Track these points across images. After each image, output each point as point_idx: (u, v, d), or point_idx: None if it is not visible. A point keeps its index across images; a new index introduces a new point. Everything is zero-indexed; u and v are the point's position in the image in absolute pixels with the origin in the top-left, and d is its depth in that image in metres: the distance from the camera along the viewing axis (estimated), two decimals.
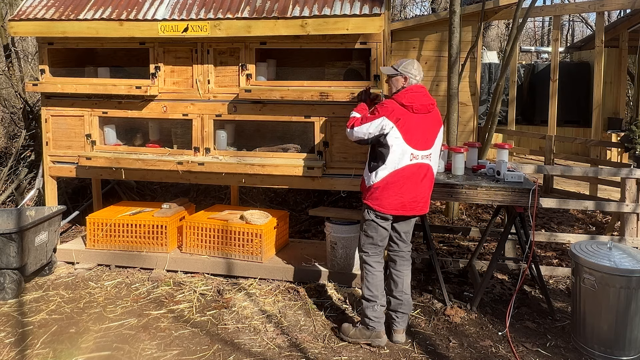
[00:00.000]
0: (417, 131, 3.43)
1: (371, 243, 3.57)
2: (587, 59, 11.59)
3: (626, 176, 4.49)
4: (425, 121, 3.47)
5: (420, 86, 3.53)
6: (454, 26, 6.02)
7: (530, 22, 23.27)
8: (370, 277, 3.55)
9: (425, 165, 3.50)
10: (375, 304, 3.52)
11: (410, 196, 3.48)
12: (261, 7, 4.27)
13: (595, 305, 3.44)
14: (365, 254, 3.59)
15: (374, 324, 3.51)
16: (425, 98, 3.48)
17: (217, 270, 4.61)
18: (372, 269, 3.56)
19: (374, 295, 3.53)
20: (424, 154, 3.47)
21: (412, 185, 3.47)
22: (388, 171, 3.43)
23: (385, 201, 3.46)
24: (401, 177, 3.44)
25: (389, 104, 3.45)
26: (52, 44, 4.82)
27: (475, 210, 6.82)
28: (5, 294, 4.20)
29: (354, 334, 3.56)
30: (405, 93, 3.46)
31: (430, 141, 3.51)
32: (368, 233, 3.56)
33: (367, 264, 3.57)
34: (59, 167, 4.96)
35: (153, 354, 3.44)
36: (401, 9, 18.81)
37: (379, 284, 3.56)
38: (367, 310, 3.53)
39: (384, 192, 3.45)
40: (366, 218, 3.55)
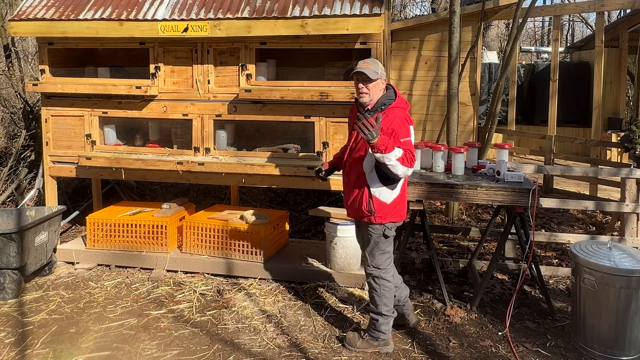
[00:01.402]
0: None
1: (388, 258, 3.44)
2: (587, 59, 11.59)
3: (626, 176, 4.49)
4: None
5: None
6: (454, 26, 6.01)
7: (530, 22, 23.27)
8: (387, 293, 3.40)
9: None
10: (390, 318, 3.44)
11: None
12: (261, 7, 4.27)
13: (595, 305, 3.44)
14: (385, 271, 3.41)
15: (385, 336, 3.43)
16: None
17: (217, 270, 4.61)
18: (389, 283, 3.42)
19: (390, 309, 3.42)
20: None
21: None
22: (402, 181, 3.37)
23: (404, 208, 3.44)
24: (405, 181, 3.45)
25: (403, 115, 3.26)
26: (52, 44, 4.83)
27: (475, 210, 6.82)
28: (5, 294, 4.20)
29: (362, 345, 3.44)
30: (401, 97, 3.38)
31: None
32: (385, 250, 3.41)
33: (383, 279, 3.40)
34: (59, 167, 4.96)
35: (153, 354, 3.44)
36: (401, 9, 18.81)
37: (392, 296, 3.47)
38: (382, 326, 3.40)
39: (402, 201, 3.40)
40: (387, 235, 3.37)
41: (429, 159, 4.40)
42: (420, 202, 4.04)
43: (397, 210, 3.38)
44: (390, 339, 3.49)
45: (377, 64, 3.29)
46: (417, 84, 7.91)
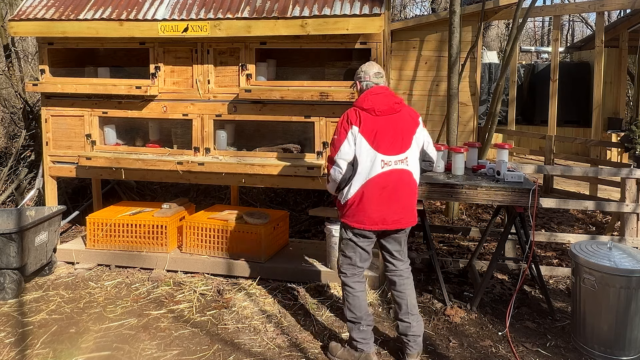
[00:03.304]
0: (384, 135, 3.15)
1: (350, 264, 3.31)
2: (587, 59, 11.59)
3: (626, 176, 4.49)
4: (394, 123, 3.18)
5: (381, 87, 3.25)
6: (454, 26, 6.02)
7: (530, 22, 23.27)
8: (351, 299, 3.29)
9: (401, 172, 3.19)
10: (360, 325, 3.27)
11: (391, 208, 3.18)
12: (261, 7, 4.27)
13: (595, 305, 3.44)
14: (344, 275, 3.32)
15: (361, 345, 3.27)
16: (387, 98, 3.20)
17: (217, 270, 4.61)
18: (353, 290, 3.30)
19: (357, 317, 3.27)
20: (397, 158, 3.17)
21: (392, 194, 3.18)
22: (361, 182, 3.15)
23: (364, 216, 3.18)
24: (376, 187, 3.15)
25: (347, 113, 3.21)
26: (52, 44, 4.82)
27: (475, 210, 6.82)
28: (5, 294, 4.20)
29: (342, 354, 3.34)
30: (364, 97, 3.21)
31: (404, 144, 3.20)
32: (346, 253, 3.31)
33: (346, 286, 3.31)
34: (59, 167, 4.96)
35: (153, 354, 3.44)
36: (401, 9, 18.82)
37: (362, 304, 3.30)
38: (352, 332, 3.30)
39: (360, 206, 3.18)
40: (343, 237, 3.30)
41: None
42: (420, 202, 4.04)
43: (351, 214, 3.21)
44: (374, 353, 3.31)
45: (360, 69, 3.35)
46: (417, 84, 7.91)
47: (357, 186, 3.17)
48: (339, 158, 3.15)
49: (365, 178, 3.15)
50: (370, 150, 3.13)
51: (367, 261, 3.35)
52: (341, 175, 3.16)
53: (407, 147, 3.21)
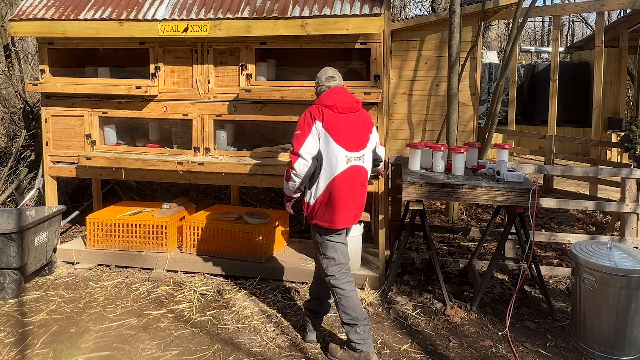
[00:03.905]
0: (346, 131, 3.25)
1: (335, 264, 3.32)
2: (587, 59, 11.59)
3: (626, 176, 4.49)
4: (353, 121, 3.30)
5: (340, 87, 3.38)
6: (454, 26, 6.01)
7: (530, 22, 23.28)
8: (344, 301, 3.30)
9: (360, 168, 3.32)
10: (357, 327, 3.27)
11: (354, 204, 3.29)
12: (261, 7, 4.27)
13: (595, 305, 3.44)
14: (333, 278, 3.32)
15: (360, 346, 3.27)
16: (348, 97, 3.33)
17: (217, 270, 4.61)
18: (344, 291, 3.31)
19: (352, 318, 3.28)
20: (357, 155, 3.29)
21: (353, 191, 3.29)
22: (328, 179, 3.22)
23: (334, 215, 3.23)
24: (344, 184, 3.23)
25: (309, 110, 3.29)
26: (52, 44, 4.82)
27: (475, 210, 6.82)
28: (5, 294, 4.20)
29: (342, 355, 3.34)
30: (327, 95, 3.31)
31: (362, 142, 3.33)
32: (328, 255, 3.32)
33: (337, 288, 3.31)
34: (59, 167, 4.96)
35: (153, 354, 3.44)
36: (401, 9, 18.81)
37: (355, 304, 3.30)
38: (350, 334, 3.30)
39: (329, 204, 3.23)
40: (318, 240, 3.33)
41: (429, 159, 4.40)
42: (420, 202, 4.04)
43: (321, 214, 3.26)
44: (373, 352, 3.31)
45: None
46: (417, 84, 7.91)
47: (325, 183, 3.24)
48: (303, 152, 3.19)
49: (331, 174, 3.23)
50: (335, 145, 3.21)
51: (347, 255, 3.43)
52: (307, 168, 3.20)
53: (364, 145, 3.35)
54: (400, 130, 8.01)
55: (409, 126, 8.01)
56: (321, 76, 3.44)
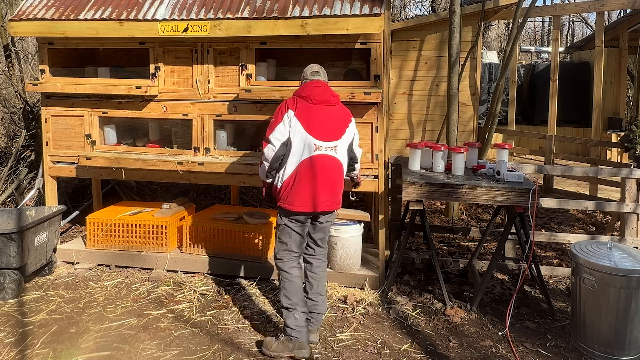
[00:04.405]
0: (318, 121, 3.41)
1: (285, 249, 3.47)
2: (587, 59, 11.59)
3: (626, 176, 4.49)
4: (328, 113, 3.46)
5: (318, 81, 3.55)
6: (454, 26, 6.02)
7: (530, 22, 23.28)
8: (287, 285, 3.44)
9: (331, 158, 3.44)
10: (295, 312, 3.39)
11: (319, 190, 3.40)
12: (261, 7, 4.27)
13: (595, 305, 3.44)
14: (280, 261, 3.48)
15: (295, 333, 3.36)
16: (324, 90, 3.49)
17: (217, 270, 4.61)
18: (289, 275, 3.45)
19: (292, 303, 3.40)
20: (328, 145, 3.42)
21: (321, 178, 3.41)
22: (295, 164, 3.38)
23: (296, 198, 3.38)
24: (309, 169, 3.38)
25: (286, 100, 3.48)
26: (52, 44, 4.82)
27: (475, 210, 6.82)
28: (5, 294, 4.20)
29: (277, 347, 3.38)
30: (304, 87, 3.51)
31: (336, 133, 3.47)
32: (282, 239, 3.48)
33: (283, 271, 3.47)
34: (59, 167, 4.96)
35: (153, 354, 3.44)
36: (401, 9, 18.81)
37: (298, 290, 3.44)
38: (287, 319, 3.40)
39: (294, 188, 3.38)
40: (279, 223, 3.50)
41: (429, 159, 4.40)
42: (420, 202, 4.04)
43: (285, 196, 3.41)
44: (306, 342, 3.38)
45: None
46: (417, 84, 7.91)
47: (292, 168, 3.40)
48: (273, 137, 3.39)
49: (298, 159, 3.39)
50: (303, 132, 3.38)
51: (302, 245, 3.54)
52: (274, 152, 3.38)
53: (337, 137, 3.49)
54: (400, 130, 8.01)
55: (409, 126, 8.01)
56: (307, 71, 3.63)
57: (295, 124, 3.37)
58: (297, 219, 3.44)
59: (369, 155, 4.35)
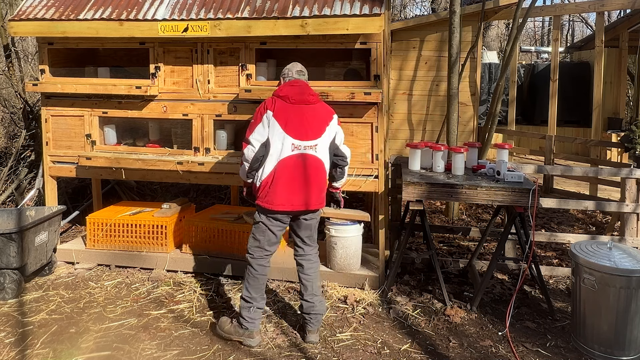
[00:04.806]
0: (296, 121, 3.45)
1: (257, 246, 3.55)
2: (587, 59, 11.59)
3: (626, 176, 4.49)
4: (307, 112, 3.49)
5: (297, 80, 3.61)
6: (454, 26, 6.02)
7: (530, 22, 23.28)
8: (251, 280, 3.54)
9: (310, 157, 3.48)
10: (252, 306, 3.52)
11: (298, 190, 3.45)
12: (261, 7, 4.27)
13: (595, 305, 3.44)
14: (250, 256, 3.56)
15: (247, 324, 3.51)
16: (303, 89, 3.54)
17: (217, 270, 4.61)
18: (255, 272, 3.54)
19: (252, 297, 3.53)
20: (307, 144, 3.46)
21: (300, 177, 3.45)
22: (273, 163, 3.43)
23: (274, 197, 3.43)
24: (287, 169, 3.42)
25: (265, 100, 3.52)
26: (52, 44, 4.82)
27: (475, 210, 6.82)
28: (5, 294, 4.20)
29: (229, 329, 3.56)
30: (282, 86, 3.56)
31: (315, 132, 3.50)
32: (256, 236, 3.55)
33: (250, 266, 3.55)
34: (59, 167, 4.96)
35: (153, 354, 3.44)
36: (401, 9, 18.81)
37: (260, 287, 3.55)
38: (243, 310, 3.54)
39: (272, 187, 3.43)
40: (256, 220, 3.55)
41: (429, 159, 4.40)
42: (420, 202, 4.04)
43: (263, 195, 3.46)
44: (257, 332, 3.53)
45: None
46: (417, 84, 7.91)
47: (270, 167, 3.45)
48: (252, 138, 3.44)
49: (277, 159, 3.44)
50: (281, 132, 3.42)
51: (275, 245, 3.60)
52: (253, 153, 3.43)
53: (317, 136, 3.51)
54: (400, 130, 8.01)
55: (409, 126, 8.01)
56: (292, 69, 3.69)
57: (273, 124, 3.42)
58: (276, 217, 3.49)
59: (369, 155, 4.35)
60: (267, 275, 3.63)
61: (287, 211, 3.48)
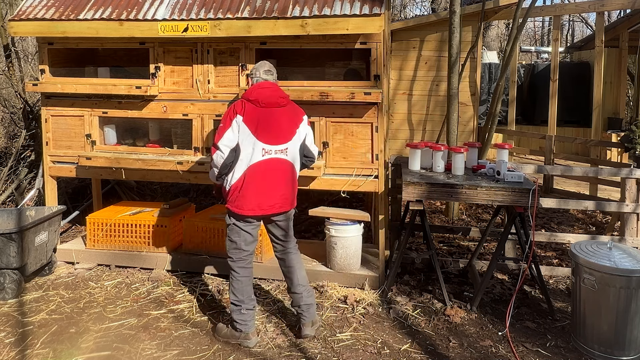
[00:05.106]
0: (267, 125, 3.42)
1: (235, 248, 3.54)
2: (587, 59, 11.59)
3: (626, 176, 4.49)
4: (277, 115, 3.47)
5: (268, 82, 3.55)
6: (454, 26, 6.02)
7: (530, 22, 23.28)
8: (235, 283, 3.54)
9: (280, 161, 3.48)
10: (241, 308, 3.52)
11: (267, 194, 3.45)
12: (261, 7, 4.27)
13: (595, 305, 3.44)
14: (230, 259, 3.56)
15: (240, 326, 3.52)
16: (273, 92, 3.49)
17: (217, 270, 4.61)
18: (237, 274, 3.54)
19: (239, 300, 3.53)
20: (277, 148, 3.46)
21: (270, 181, 3.45)
22: (243, 169, 3.42)
23: (244, 202, 3.43)
24: (257, 174, 3.42)
25: (234, 104, 3.48)
26: (52, 44, 4.82)
27: (475, 210, 6.82)
28: (5, 294, 4.20)
29: (226, 333, 3.58)
30: (252, 89, 3.50)
31: (286, 135, 3.49)
32: (231, 238, 3.54)
33: (232, 270, 3.55)
34: (59, 167, 4.96)
35: (153, 354, 3.44)
36: (401, 9, 18.82)
37: (245, 289, 3.55)
38: (233, 314, 3.54)
39: (242, 192, 3.42)
40: (227, 222, 3.54)
41: (429, 159, 4.40)
42: (420, 202, 4.04)
43: (233, 199, 3.46)
44: (253, 333, 3.54)
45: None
46: (417, 84, 7.91)
47: (240, 172, 3.43)
48: (221, 144, 3.40)
49: (247, 164, 3.42)
50: (251, 137, 3.40)
51: (252, 244, 3.59)
52: (222, 160, 3.40)
53: (288, 139, 3.51)
54: (400, 130, 8.01)
55: (409, 126, 8.01)
56: (259, 68, 3.61)
57: (243, 130, 3.39)
58: (247, 220, 3.50)
59: (369, 155, 4.35)
60: (251, 277, 3.62)
61: (257, 215, 3.49)
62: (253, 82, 3.59)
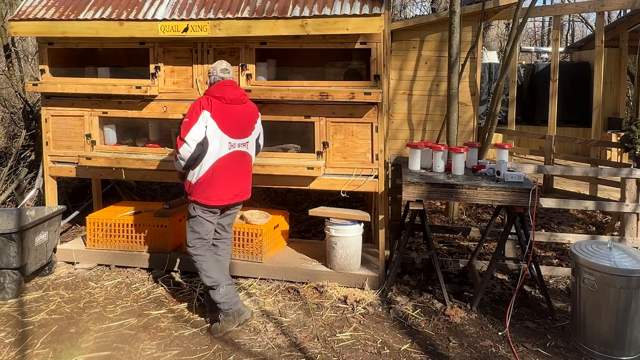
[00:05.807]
0: (232, 120, 3.63)
1: (198, 238, 3.70)
2: (587, 59, 11.59)
3: (626, 176, 4.49)
4: (240, 111, 3.69)
5: (230, 80, 3.75)
6: (454, 26, 6.02)
7: (530, 22, 23.28)
8: (204, 265, 3.68)
9: (243, 153, 3.74)
10: (220, 287, 3.64)
11: (233, 184, 3.67)
12: (261, 7, 4.27)
13: (595, 305, 3.44)
14: (193, 248, 3.71)
15: (227, 306, 3.63)
16: (235, 90, 3.71)
17: None
18: (203, 257, 3.70)
19: (215, 280, 3.65)
20: (241, 142, 3.71)
21: (234, 173, 3.67)
22: (211, 162, 3.57)
23: (212, 193, 3.60)
24: (224, 166, 3.61)
25: (200, 100, 3.62)
26: (52, 44, 4.82)
27: (475, 210, 6.82)
28: (5, 294, 4.20)
29: (222, 327, 3.64)
30: (216, 87, 3.67)
31: (247, 130, 3.75)
32: (194, 229, 3.69)
33: (197, 255, 3.70)
34: (59, 167, 4.96)
35: (153, 354, 3.44)
36: (401, 9, 18.82)
37: (215, 267, 3.70)
38: (215, 296, 3.64)
39: (210, 184, 3.59)
40: (192, 215, 3.69)
41: (429, 159, 4.40)
42: (420, 202, 4.04)
43: (201, 191, 3.60)
44: (243, 306, 3.71)
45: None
46: (417, 84, 7.91)
47: (208, 165, 3.59)
48: (189, 138, 3.52)
49: (215, 158, 3.59)
50: (219, 132, 3.58)
51: (211, 233, 3.78)
52: (190, 153, 3.53)
53: (249, 134, 3.77)
54: (400, 130, 8.01)
55: (409, 126, 8.01)
56: (217, 67, 3.78)
57: (211, 125, 3.55)
58: (213, 211, 3.69)
59: (369, 155, 4.35)
60: (215, 257, 3.77)
61: (222, 205, 3.68)
62: (211, 81, 3.76)
